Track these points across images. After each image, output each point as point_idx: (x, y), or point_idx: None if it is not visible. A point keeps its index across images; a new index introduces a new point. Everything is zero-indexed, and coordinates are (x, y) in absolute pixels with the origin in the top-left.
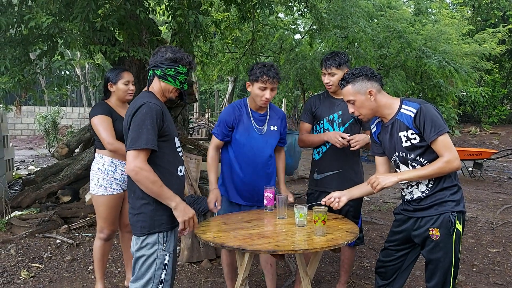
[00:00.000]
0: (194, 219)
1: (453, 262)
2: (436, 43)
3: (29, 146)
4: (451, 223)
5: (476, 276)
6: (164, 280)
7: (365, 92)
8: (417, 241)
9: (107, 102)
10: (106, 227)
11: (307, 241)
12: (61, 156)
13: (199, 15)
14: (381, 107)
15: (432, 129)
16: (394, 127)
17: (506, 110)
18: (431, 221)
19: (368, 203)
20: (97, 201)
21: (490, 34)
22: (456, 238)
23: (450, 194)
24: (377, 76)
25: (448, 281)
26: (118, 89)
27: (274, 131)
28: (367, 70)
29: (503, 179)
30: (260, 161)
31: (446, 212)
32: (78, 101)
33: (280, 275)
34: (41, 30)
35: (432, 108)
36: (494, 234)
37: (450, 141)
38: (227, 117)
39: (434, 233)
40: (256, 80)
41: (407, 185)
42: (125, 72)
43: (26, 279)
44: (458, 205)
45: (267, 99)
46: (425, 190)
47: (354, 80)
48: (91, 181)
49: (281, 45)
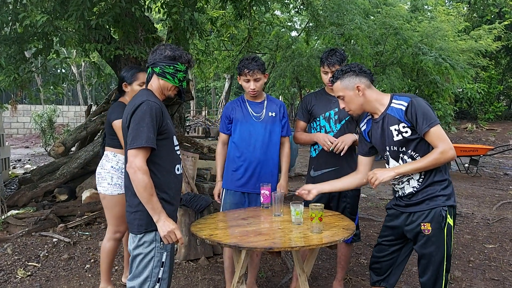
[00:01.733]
0: (175, 233)
1: (445, 256)
2: (432, 40)
3: (25, 144)
4: (442, 218)
5: (472, 271)
6: (161, 278)
7: (352, 88)
8: (409, 236)
9: (125, 103)
10: (122, 226)
11: (303, 238)
12: (57, 155)
13: (195, 12)
14: (370, 102)
15: (424, 121)
16: (385, 122)
17: (502, 107)
18: (422, 216)
19: (365, 200)
20: (111, 201)
21: (486, 31)
22: (447, 232)
23: (441, 189)
24: (366, 71)
25: (441, 275)
26: (133, 90)
27: (273, 117)
28: (355, 66)
29: (499, 175)
30: (260, 146)
31: (437, 206)
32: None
33: (277, 272)
34: (36, 28)
35: (422, 101)
36: (490, 230)
37: (443, 132)
38: (226, 110)
39: (426, 227)
40: (240, 73)
41: (399, 181)
42: (140, 73)
43: (23, 278)
44: (449, 200)
45: (252, 90)
46: (416, 185)
47: (342, 76)
48: (103, 180)
49: (278, 42)
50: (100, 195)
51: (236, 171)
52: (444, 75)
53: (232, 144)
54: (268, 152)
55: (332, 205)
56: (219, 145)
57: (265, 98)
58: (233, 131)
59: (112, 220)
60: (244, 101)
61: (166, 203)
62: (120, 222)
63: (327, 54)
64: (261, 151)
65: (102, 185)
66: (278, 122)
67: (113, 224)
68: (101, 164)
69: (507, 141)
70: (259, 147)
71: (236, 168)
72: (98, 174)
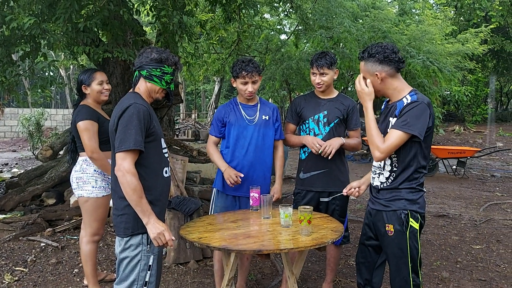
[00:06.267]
0: (165, 235)
1: (409, 259)
2: (420, 43)
3: (13, 148)
4: (402, 221)
5: (460, 272)
6: (148, 282)
7: (372, 73)
8: (378, 235)
9: (89, 105)
10: (101, 228)
11: (292, 241)
12: (45, 158)
13: (184, 15)
14: (388, 90)
15: (403, 122)
16: (390, 111)
17: (489, 109)
18: (386, 216)
19: (354, 202)
20: (95, 203)
21: (473, 34)
22: (410, 235)
23: (406, 193)
24: (392, 60)
25: (407, 278)
26: (93, 90)
27: (266, 120)
28: (381, 53)
29: (486, 177)
30: (253, 150)
31: (399, 209)
32: (62, 103)
33: (266, 275)
34: (23, 31)
35: (424, 110)
36: (477, 231)
37: (396, 141)
38: (219, 113)
39: (389, 229)
40: (237, 76)
41: (374, 170)
42: (97, 73)
43: (10, 283)
44: (412, 205)
45: (250, 92)
46: (384, 182)
47: (367, 59)
48: (85, 184)
49: (267, 45)
50: (82, 199)
51: None
52: (432, 78)
53: (225, 147)
54: (261, 156)
55: (321, 208)
56: (210, 145)
57: (258, 101)
58: (226, 135)
59: (93, 223)
60: (237, 104)
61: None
62: (100, 225)
63: (317, 56)
64: (254, 154)
65: (85, 189)
66: (271, 126)
67: (93, 227)
68: (81, 168)
69: (494, 143)
70: (252, 150)
71: None
72: (78, 179)
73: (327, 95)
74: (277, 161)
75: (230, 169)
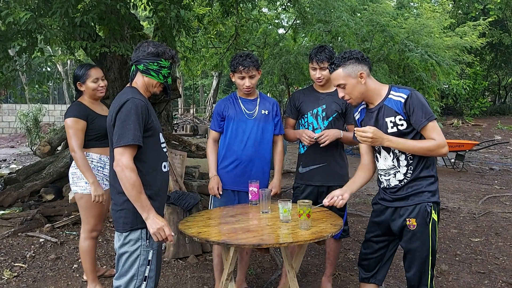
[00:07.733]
0: (165, 230)
1: (430, 252)
2: (418, 37)
3: (11, 144)
4: (427, 213)
5: (458, 265)
6: (148, 276)
7: (356, 75)
8: (395, 231)
9: (83, 102)
10: (99, 224)
11: (291, 235)
12: (43, 154)
13: (181, 9)
14: (370, 91)
15: (423, 114)
16: (381, 113)
17: (487, 102)
18: (407, 211)
19: (353, 196)
20: (91, 199)
21: (471, 27)
22: (432, 228)
23: (427, 185)
24: (366, 59)
25: (427, 270)
26: (87, 87)
27: (266, 115)
28: (357, 53)
29: (484, 170)
30: (252, 144)
31: (423, 202)
32: (60, 98)
33: (266, 269)
34: (20, 26)
35: (421, 96)
36: (476, 224)
37: (439, 128)
38: (218, 108)
39: (411, 223)
40: (235, 71)
41: (386, 172)
42: (92, 70)
43: (9, 279)
44: (434, 196)
45: (247, 87)
46: (403, 179)
47: (344, 63)
48: (79, 180)
49: (265, 39)
50: (77, 195)
51: (227, 168)
52: (430, 72)
53: (224, 141)
54: (260, 150)
55: (320, 202)
56: (210, 142)
57: (258, 96)
58: (225, 129)
59: (90, 220)
60: (237, 98)
61: (149, 199)
62: (97, 221)
63: (316, 50)
64: (253, 149)
65: (79, 185)
66: (271, 120)
67: (90, 223)
68: (75, 164)
69: (492, 137)
70: (251, 145)
71: (227, 165)
72: (73, 174)
73: (326, 89)
74: (277, 156)
75: (216, 180)
